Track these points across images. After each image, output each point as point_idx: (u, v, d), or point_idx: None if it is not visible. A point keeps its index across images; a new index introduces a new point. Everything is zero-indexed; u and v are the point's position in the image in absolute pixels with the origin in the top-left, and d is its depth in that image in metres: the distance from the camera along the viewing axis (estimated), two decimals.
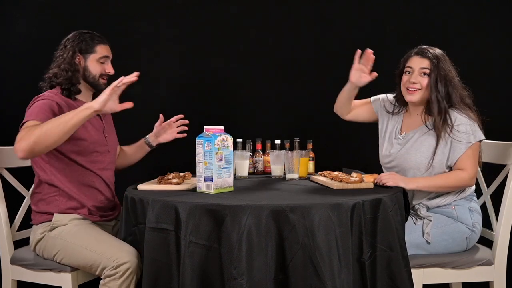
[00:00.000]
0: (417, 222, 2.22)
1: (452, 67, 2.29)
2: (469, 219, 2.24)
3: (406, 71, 2.32)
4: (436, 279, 2.19)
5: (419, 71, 2.27)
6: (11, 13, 3.06)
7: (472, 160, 2.20)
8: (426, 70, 2.26)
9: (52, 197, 2.21)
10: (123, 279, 1.96)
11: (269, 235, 1.75)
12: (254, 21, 3.15)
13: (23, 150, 1.96)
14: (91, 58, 2.25)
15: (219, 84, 3.17)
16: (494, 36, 3.07)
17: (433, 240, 2.17)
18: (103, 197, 2.29)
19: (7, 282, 2.28)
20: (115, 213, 2.37)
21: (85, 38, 2.24)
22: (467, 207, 2.26)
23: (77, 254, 2.08)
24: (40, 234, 2.18)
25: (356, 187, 2.14)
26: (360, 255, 1.86)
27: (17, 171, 2.40)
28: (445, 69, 2.25)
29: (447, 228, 2.21)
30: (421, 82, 2.26)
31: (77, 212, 2.20)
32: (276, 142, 2.68)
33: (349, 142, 3.03)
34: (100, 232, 2.17)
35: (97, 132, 2.28)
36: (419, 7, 3.09)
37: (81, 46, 2.23)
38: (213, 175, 2.02)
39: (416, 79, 2.27)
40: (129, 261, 1.97)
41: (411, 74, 2.29)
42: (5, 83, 3.05)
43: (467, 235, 2.22)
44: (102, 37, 2.30)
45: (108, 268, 1.98)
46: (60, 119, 1.98)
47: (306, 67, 3.15)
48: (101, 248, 2.04)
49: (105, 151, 2.31)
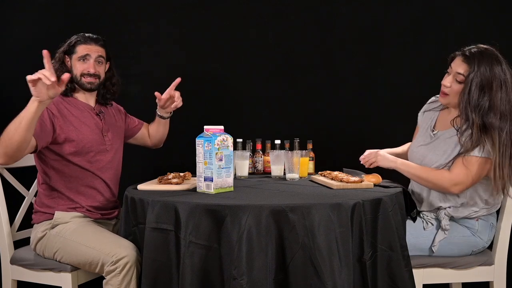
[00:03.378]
0: (427, 228, 2.17)
1: (506, 88, 2.04)
2: (487, 234, 2.19)
3: (447, 70, 2.17)
4: (436, 279, 2.19)
5: (454, 75, 2.12)
6: (11, 13, 3.06)
7: (464, 169, 2.07)
8: (461, 76, 2.09)
9: (52, 199, 2.23)
10: (124, 274, 1.97)
11: (269, 235, 1.75)
12: (254, 21, 3.15)
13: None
14: (73, 58, 2.30)
15: (219, 84, 3.17)
16: (494, 35, 3.06)
17: (439, 246, 2.16)
18: (102, 198, 2.29)
19: (7, 282, 2.28)
20: (116, 212, 2.37)
21: (72, 40, 2.31)
22: (490, 222, 2.21)
23: (76, 251, 2.09)
24: (42, 232, 2.19)
25: (356, 187, 2.14)
26: (361, 255, 1.86)
27: (17, 171, 2.40)
28: (488, 78, 2.03)
29: (459, 240, 2.16)
30: (453, 86, 2.12)
31: (77, 210, 2.22)
32: (276, 142, 2.68)
33: (349, 142, 3.03)
34: (99, 229, 2.18)
35: (92, 132, 2.28)
36: (419, 7, 3.09)
37: (66, 48, 2.31)
38: (213, 175, 2.02)
39: (449, 82, 2.14)
40: (127, 255, 1.97)
41: (448, 76, 2.16)
42: (5, 83, 3.05)
43: (476, 248, 2.19)
44: (88, 37, 2.31)
45: (107, 264, 1.99)
46: (16, 120, 1.95)
47: (306, 67, 3.15)
48: (100, 245, 2.04)
49: (103, 150, 2.31)
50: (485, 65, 2.04)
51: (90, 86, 2.30)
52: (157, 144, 2.65)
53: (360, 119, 3.07)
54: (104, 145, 2.32)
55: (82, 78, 2.29)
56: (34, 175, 2.34)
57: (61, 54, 2.31)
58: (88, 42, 2.30)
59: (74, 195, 2.23)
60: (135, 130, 2.58)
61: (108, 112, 2.42)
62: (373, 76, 3.03)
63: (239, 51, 3.15)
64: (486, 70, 2.04)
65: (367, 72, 3.08)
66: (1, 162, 2.00)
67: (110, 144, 2.35)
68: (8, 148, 1.96)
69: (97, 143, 2.28)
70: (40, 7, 3.07)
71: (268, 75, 3.16)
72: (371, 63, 3.06)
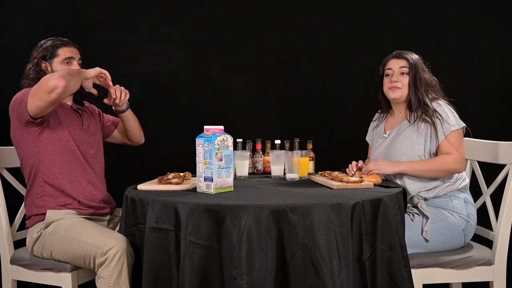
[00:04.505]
0: (415, 219, 2.22)
1: (427, 68, 2.43)
2: (464, 209, 2.27)
3: (386, 74, 2.45)
4: (436, 279, 2.19)
5: (398, 70, 2.40)
6: (11, 13, 3.06)
7: (456, 145, 2.27)
8: (405, 69, 2.39)
9: (40, 198, 2.23)
10: (114, 264, 1.98)
11: (269, 235, 1.75)
12: (254, 20, 3.15)
13: (61, 80, 2.08)
14: (55, 62, 2.31)
15: (219, 84, 3.17)
16: (494, 36, 3.07)
17: (431, 236, 2.18)
18: (91, 188, 2.31)
19: (7, 282, 2.28)
20: (108, 208, 2.38)
21: (47, 44, 2.33)
22: (462, 198, 2.30)
23: (70, 247, 2.10)
24: (37, 233, 2.20)
25: (356, 187, 2.14)
26: (360, 255, 1.86)
27: (17, 171, 2.40)
28: (422, 68, 2.40)
29: (444, 222, 2.22)
30: (401, 80, 2.39)
31: (67, 207, 2.24)
32: (276, 142, 2.68)
33: (349, 142, 3.03)
34: (92, 224, 2.20)
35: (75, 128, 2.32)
36: (419, 7, 3.09)
37: (44, 53, 2.32)
38: (213, 175, 2.02)
39: (397, 78, 2.40)
40: (116, 245, 1.99)
41: (392, 75, 2.42)
42: (5, 83, 3.05)
43: (463, 227, 2.24)
44: (66, 40, 2.36)
45: (98, 255, 2.00)
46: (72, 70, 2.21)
47: (306, 67, 3.15)
48: (91, 238, 2.06)
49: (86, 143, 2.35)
50: (411, 55, 2.42)
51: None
52: (135, 140, 2.62)
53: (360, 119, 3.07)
54: (87, 139, 2.35)
55: None
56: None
57: (38, 59, 2.31)
58: (68, 45, 2.34)
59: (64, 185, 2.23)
60: (111, 127, 2.60)
61: (84, 110, 2.45)
62: (373, 76, 3.03)
63: (239, 51, 3.15)
64: (414, 58, 2.41)
65: (367, 72, 3.07)
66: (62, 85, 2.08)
67: (93, 139, 2.39)
68: (68, 82, 2.10)
69: (80, 137, 2.32)
70: (40, 7, 3.07)
71: (267, 75, 3.16)
72: (371, 63, 3.06)
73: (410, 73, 2.38)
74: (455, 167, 2.26)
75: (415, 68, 2.38)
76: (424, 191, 2.30)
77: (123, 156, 2.83)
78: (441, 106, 2.32)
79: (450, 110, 2.32)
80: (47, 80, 2.09)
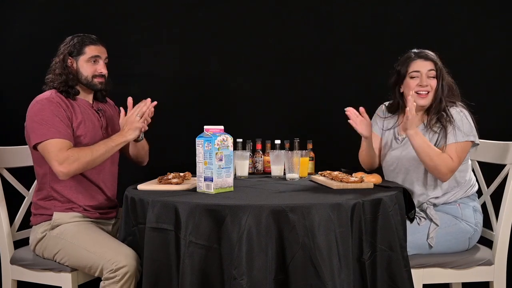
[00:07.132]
0: (421, 223, 2.21)
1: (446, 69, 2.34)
2: (473, 218, 2.25)
3: (412, 76, 2.30)
4: (436, 279, 2.19)
5: (426, 74, 2.28)
6: (11, 13, 3.06)
7: (459, 153, 2.19)
8: (432, 72, 2.29)
9: (48, 201, 2.22)
10: (122, 284, 1.96)
11: (269, 235, 1.75)
12: (254, 20, 3.15)
13: (75, 171, 2.11)
14: (81, 59, 2.27)
15: (219, 84, 3.17)
16: (494, 35, 3.07)
17: (436, 241, 2.17)
18: (100, 196, 2.29)
19: (7, 282, 2.28)
20: (114, 212, 2.37)
21: (75, 41, 2.28)
22: (471, 206, 2.28)
23: (77, 255, 2.09)
24: (41, 233, 2.19)
25: (356, 187, 2.14)
26: (360, 255, 1.87)
27: (17, 171, 2.40)
28: (446, 71, 2.32)
29: (451, 229, 2.20)
30: (430, 84, 2.28)
31: (73, 210, 2.22)
32: (276, 142, 2.68)
33: (349, 142, 3.02)
34: (100, 233, 2.17)
35: (93, 129, 2.28)
36: (419, 7, 3.09)
37: (71, 49, 2.27)
38: (213, 175, 2.02)
39: (426, 82, 2.28)
40: (127, 265, 1.97)
41: (420, 78, 2.29)
42: (5, 83, 3.05)
43: (470, 235, 2.23)
44: (94, 38, 2.31)
45: (107, 270, 1.99)
46: (105, 148, 2.17)
47: (306, 67, 3.15)
48: (101, 250, 2.04)
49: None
50: (434, 56, 2.31)
51: (101, 86, 2.30)
52: (137, 161, 2.51)
53: None
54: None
55: (94, 79, 2.28)
56: (34, 175, 2.33)
57: (65, 55, 2.27)
58: (96, 43, 2.29)
59: (72, 194, 2.21)
60: None
61: (106, 108, 2.42)
62: (373, 76, 3.03)
63: (239, 51, 3.14)
64: (438, 61, 2.31)
65: (367, 72, 3.08)
66: (68, 176, 2.12)
67: None
68: (87, 168, 2.15)
69: (97, 141, 2.28)
70: (40, 7, 3.07)
71: (268, 75, 3.16)
72: (371, 63, 3.06)
73: (437, 77, 2.28)
74: (444, 172, 2.18)
75: (441, 71, 2.29)
76: (433, 198, 2.28)
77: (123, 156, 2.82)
78: (461, 113, 2.25)
79: (468, 121, 2.24)
80: (60, 160, 2.08)
